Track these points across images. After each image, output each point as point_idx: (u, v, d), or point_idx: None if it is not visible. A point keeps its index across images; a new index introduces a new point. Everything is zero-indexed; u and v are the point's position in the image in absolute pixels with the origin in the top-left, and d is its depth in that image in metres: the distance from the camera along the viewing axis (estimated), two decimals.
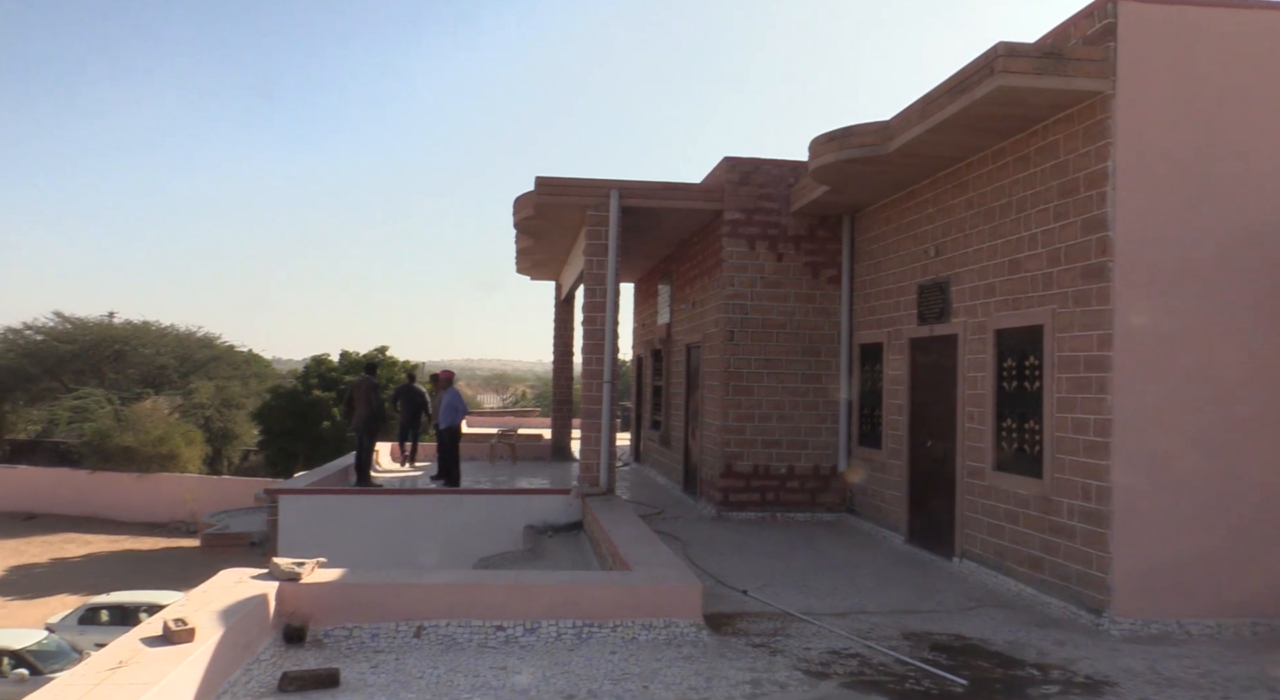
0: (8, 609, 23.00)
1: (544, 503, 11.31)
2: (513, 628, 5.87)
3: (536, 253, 15.25)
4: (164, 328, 47.18)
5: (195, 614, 4.88)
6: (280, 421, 34.82)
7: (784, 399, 11.29)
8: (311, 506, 11.12)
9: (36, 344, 45.00)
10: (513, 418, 30.86)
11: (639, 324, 19.02)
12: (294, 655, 5.45)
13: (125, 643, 4.50)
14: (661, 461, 15.69)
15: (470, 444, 17.88)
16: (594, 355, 10.99)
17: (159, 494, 35.47)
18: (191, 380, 43.70)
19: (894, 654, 5.72)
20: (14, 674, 15.31)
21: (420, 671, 5.22)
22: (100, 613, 18.73)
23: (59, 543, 31.51)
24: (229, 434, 41.33)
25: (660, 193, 11.35)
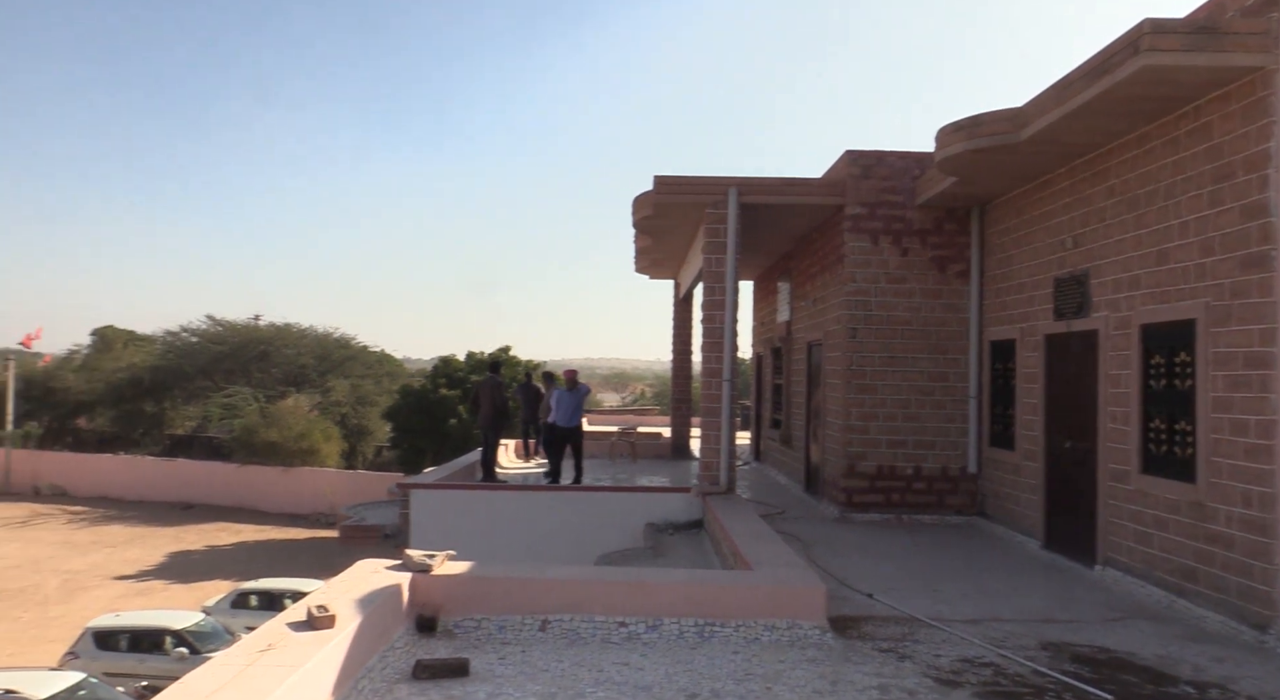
0: (169, 592, 24.79)
1: (664, 501, 11.35)
2: (635, 624, 5.90)
3: (655, 252, 15.32)
4: (304, 329, 49.86)
5: (335, 602, 5.11)
6: (410, 419, 36.25)
7: (909, 398, 10.97)
8: (440, 501, 11.51)
9: (191, 345, 48.38)
10: (632, 416, 31.14)
11: (758, 322, 18.86)
12: (426, 644, 5.64)
13: (273, 627, 4.75)
14: (782, 461, 15.51)
15: (590, 442, 18.14)
16: (713, 353, 10.95)
17: (300, 487, 37.52)
18: (329, 379, 46.03)
19: (1031, 664, 5.46)
20: (175, 652, 16.48)
21: (546, 664, 5.31)
22: (249, 598, 19.95)
23: (212, 531, 33.76)
24: (363, 430, 43.31)
25: (779, 188, 11.21)
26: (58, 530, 33.23)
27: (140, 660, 16.62)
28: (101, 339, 56.38)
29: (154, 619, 17.64)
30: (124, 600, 23.33)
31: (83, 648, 16.85)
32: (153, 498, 39.24)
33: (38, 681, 13.62)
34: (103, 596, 24.17)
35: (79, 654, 16.69)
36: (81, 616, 21.02)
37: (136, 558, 29.06)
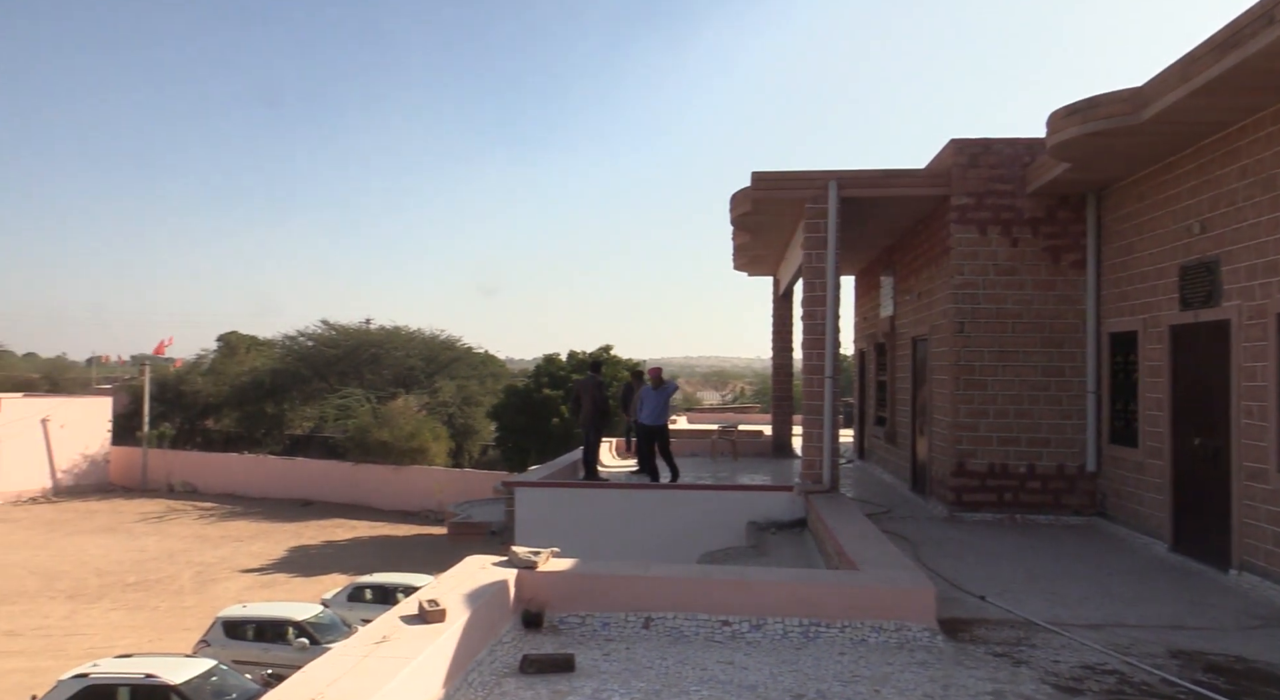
0: (290, 585, 25.99)
1: (766, 499, 11.25)
2: (739, 623, 5.86)
3: (754, 248, 15.19)
4: (412, 332, 51.50)
5: (445, 596, 5.24)
6: (514, 418, 36.99)
7: (1022, 393, 10.55)
8: (544, 498, 11.70)
9: (308, 349, 50.60)
10: (732, 414, 30.99)
11: (860, 317, 18.49)
12: (532, 639, 5.73)
13: (387, 620, 4.91)
14: (887, 459, 15.16)
15: (691, 440, 18.14)
16: (814, 350, 10.79)
17: (411, 485, 38.77)
18: (436, 380, 47.41)
19: (1159, 673, 5.18)
20: (296, 642, 17.25)
21: (650, 662, 5.32)
22: (365, 591, 20.72)
23: (329, 527, 35.22)
24: (469, 430, 44.44)
25: (881, 181, 10.96)
26: (190, 525, 35.24)
27: (265, 649, 17.46)
28: (226, 344, 59.61)
29: (277, 610, 18.50)
30: (250, 592, 24.57)
31: (214, 636, 17.81)
32: (274, 494, 41.20)
33: (174, 667, 14.47)
34: (231, 588, 25.51)
35: (210, 642, 17.65)
36: (212, 607, 22.25)
37: (261, 551, 30.56)
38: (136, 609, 23.54)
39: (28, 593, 24.95)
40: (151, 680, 13.99)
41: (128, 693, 13.94)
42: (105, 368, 71.02)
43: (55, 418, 42.42)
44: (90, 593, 25.12)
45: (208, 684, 14.34)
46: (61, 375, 68.43)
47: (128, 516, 36.88)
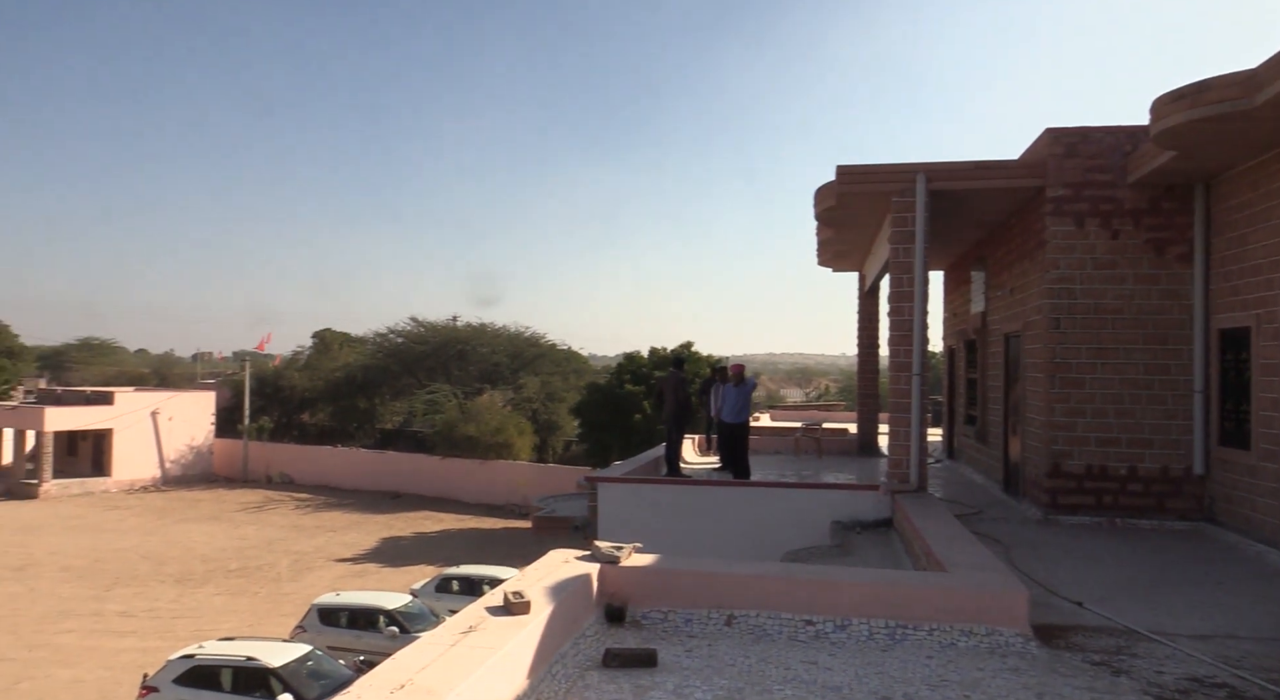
0: (380, 575, 26.75)
1: (851, 498, 11.06)
2: (823, 623, 5.78)
3: (838, 244, 14.96)
4: (497, 329, 52.45)
5: (530, 589, 5.31)
6: (596, 414, 37.28)
7: (1122, 392, 10.12)
8: (626, 494, 11.75)
9: (397, 346, 52.04)
10: (816, 412, 30.59)
11: (949, 313, 18.02)
12: (615, 633, 5.76)
13: (473, 610, 5.00)
14: (978, 459, 14.75)
15: (774, 438, 17.98)
16: (901, 347, 10.56)
17: (496, 479, 39.46)
18: (521, 376, 48.15)
19: (1276, 689, 4.90)
20: (387, 630, 17.75)
21: (732, 659, 5.30)
22: (452, 582, 21.18)
23: (418, 519, 36.13)
24: (553, 425, 45.00)
25: (971, 173, 10.65)
26: (287, 515, 36.62)
27: (357, 636, 18.02)
28: (321, 341, 61.75)
29: (369, 599, 19.07)
30: (343, 581, 25.40)
31: (309, 622, 18.47)
32: (366, 487, 42.47)
33: (273, 651, 15.07)
34: (325, 576, 26.42)
35: (306, 628, 18.32)
36: (308, 594, 23.08)
37: (353, 542, 31.55)
38: (238, 594, 24.58)
39: (140, 576, 26.31)
40: (252, 663, 14.59)
41: (230, 674, 14.57)
42: (209, 363, 74.43)
43: (164, 411, 44.59)
44: (196, 578, 26.35)
45: (304, 668, 14.88)
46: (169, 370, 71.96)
47: (230, 506, 38.53)
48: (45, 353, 78.81)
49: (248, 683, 14.45)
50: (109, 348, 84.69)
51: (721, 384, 13.60)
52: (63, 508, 37.36)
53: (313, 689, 14.39)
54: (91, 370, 71.02)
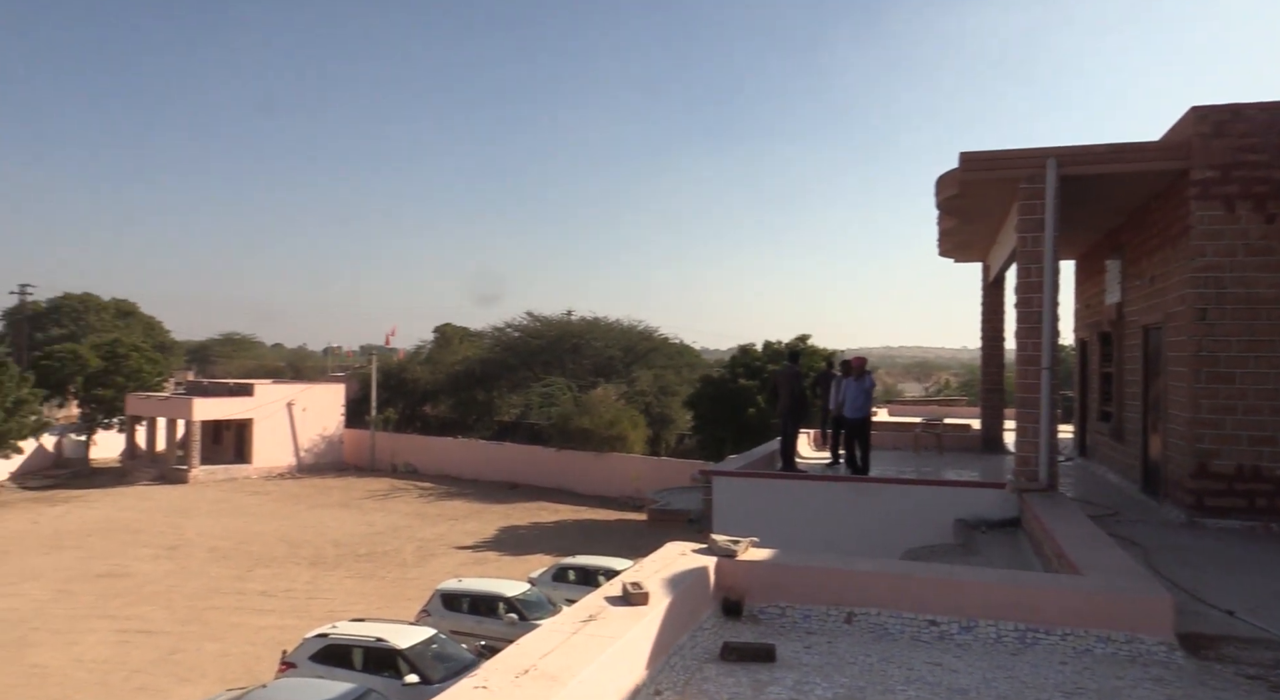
0: (499, 563, 27.49)
1: (975, 496, 10.70)
2: (947, 624, 5.61)
3: (961, 233, 14.45)
4: (611, 323, 53.03)
5: (648, 580, 5.36)
6: (710, 408, 37.22)
7: (1279, 387, 9.41)
8: (741, 488, 11.70)
9: (514, 340, 53.33)
10: (937, 407, 29.68)
11: (1082, 304, 17.16)
12: (732, 627, 5.75)
13: (593, 600, 5.08)
14: (1113, 457, 14.00)
15: (893, 433, 17.56)
16: (1030, 340, 10.12)
17: (610, 471, 39.93)
18: (634, 370, 48.57)
19: None
20: (506, 617, 18.24)
21: (852, 657, 5.21)
22: (568, 572, 21.56)
23: (535, 509, 36.94)
24: (666, 419, 45.20)
25: (1107, 156, 10.09)
26: (411, 503, 38.06)
27: (478, 622, 18.58)
28: (442, 335, 63.87)
29: (490, 586, 19.63)
30: (464, 568, 26.23)
31: (433, 607, 19.16)
32: (485, 477, 43.70)
33: (399, 633, 15.70)
34: (447, 563, 27.34)
35: (430, 612, 19.01)
36: (431, 579, 23.94)
37: (473, 530, 32.53)
38: (366, 578, 25.72)
39: (277, 558, 27.87)
40: (381, 644, 15.24)
41: (361, 653, 15.27)
42: (338, 358, 78.08)
43: (298, 402, 47.00)
44: (328, 561, 27.71)
45: (429, 650, 15.45)
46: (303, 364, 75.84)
47: (358, 493, 40.33)
48: (193, 347, 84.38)
49: (377, 662, 15.10)
50: (249, 342, 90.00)
51: (834, 378, 13.38)
52: (209, 492, 39.92)
53: (437, 671, 14.92)
54: (233, 364, 75.57)
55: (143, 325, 71.21)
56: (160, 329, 73.67)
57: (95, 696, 16.66)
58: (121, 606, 22.38)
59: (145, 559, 27.43)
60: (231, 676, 17.49)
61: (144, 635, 20.16)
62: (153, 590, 23.94)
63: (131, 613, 21.86)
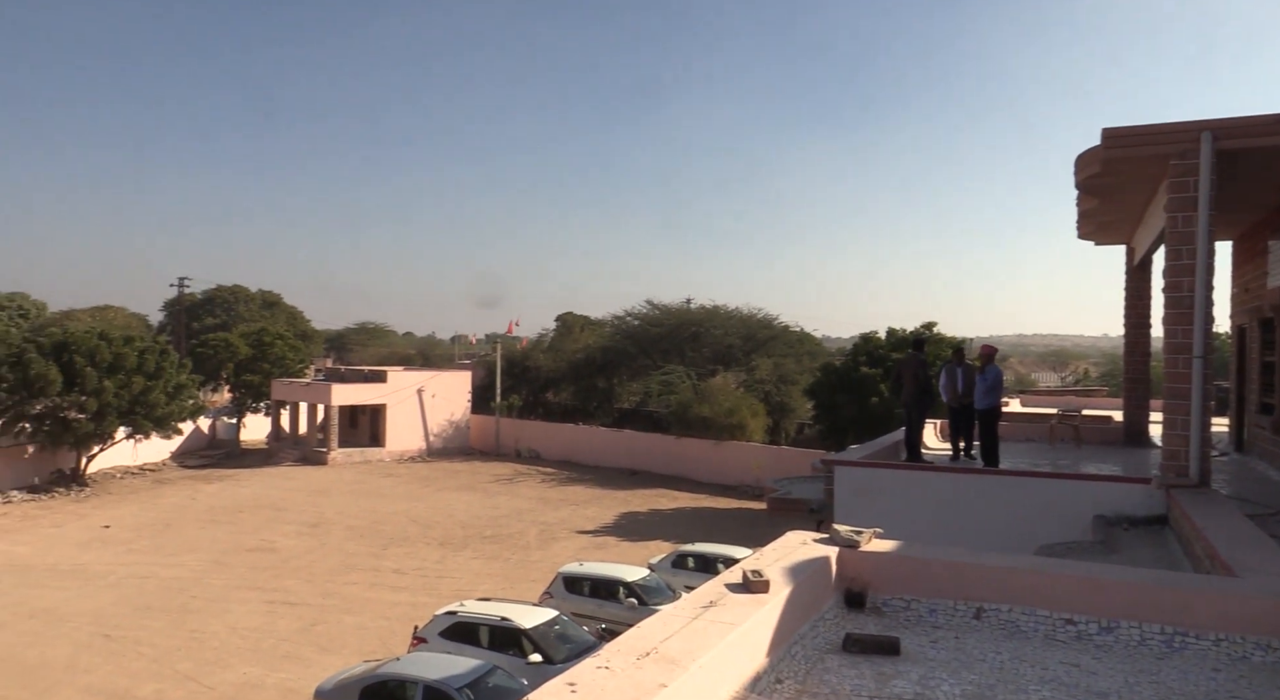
0: (619, 548, 27.87)
1: (1115, 492, 10.13)
2: (1085, 624, 5.34)
3: (1103, 214, 13.67)
4: (730, 311, 52.78)
5: (768, 569, 5.32)
6: (831, 396, 36.59)
7: None
8: (864, 478, 11.46)
9: (634, 328, 53.78)
10: (1074, 397, 28.25)
11: (1239, 288, 15.96)
12: (854, 618, 5.65)
13: (713, 586, 5.08)
14: (1275, 453, 13.00)
15: (1025, 425, 16.82)
16: (1179, 326, 9.49)
17: (729, 460, 39.82)
18: (754, 358, 48.21)
19: None
20: (626, 601, 18.48)
21: (982, 654, 5.03)
22: (687, 559, 21.66)
23: (654, 496, 37.24)
24: (786, 407, 44.70)
25: (1271, 128, 9.32)
26: (534, 488, 39.02)
27: (599, 605, 18.91)
28: (564, 324, 65.09)
29: (610, 570, 19.93)
30: (585, 552, 26.72)
31: (555, 589, 19.61)
32: (605, 464, 44.33)
33: (523, 613, 16.15)
34: (569, 547, 27.92)
35: (552, 594, 19.46)
36: (553, 562, 24.51)
37: (594, 515, 33.08)
38: (492, 559, 26.55)
39: (409, 538, 29.10)
40: (506, 623, 15.72)
41: (487, 631, 15.79)
42: (465, 346, 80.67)
43: (428, 389, 48.82)
44: (456, 542, 28.75)
45: (552, 631, 15.83)
46: (432, 351, 78.72)
47: (484, 477, 41.63)
48: (331, 336, 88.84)
49: (502, 641, 15.59)
50: (382, 331, 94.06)
51: (959, 366, 12.93)
52: (346, 473, 42.02)
53: (560, 651, 15.28)
54: (368, 351, 79.17)
55: (286, 315, 75.43)
56: (301, 318, 77.86)
57: (247, 661, 17.84)
58: (268, 579, 23.86)
59: (289, 535, 29.14)
60: (368, 648, 18.40)
61: (289, 606, 21.43)
62: (296, 565, 25.42)
63: (277, 585, 23.28)
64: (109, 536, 28.52)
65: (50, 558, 25.67)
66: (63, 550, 26.61)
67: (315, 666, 17.29)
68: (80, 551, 26.51)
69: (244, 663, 17.72)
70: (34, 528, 29.53)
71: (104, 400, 34.34)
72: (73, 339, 35.39)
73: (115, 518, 31.10)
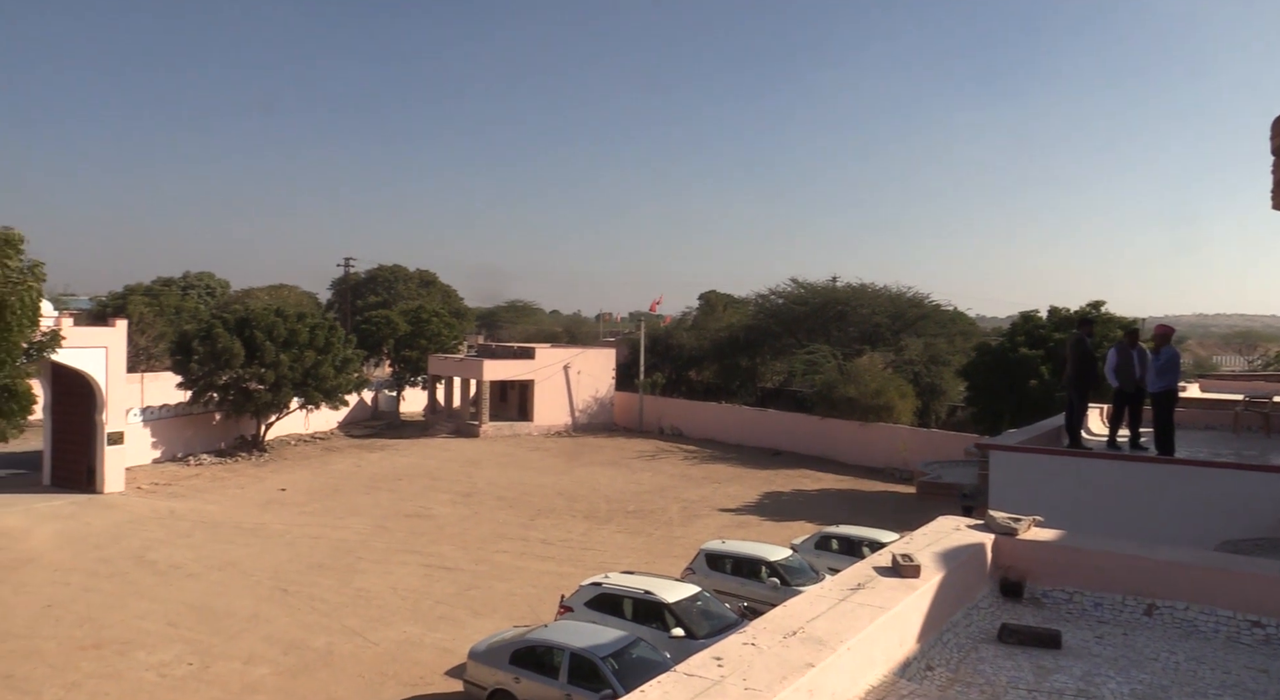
0: (761, 528, 27.76)
1: None
2: (1275, 628, 4.93)
3: None
4: (878, 289, 51.35)
5: (919, 553, 5.18)
6: (986, 378, 35.07)
7: None
8: (1022, 464, 10.95)
9: (778, 306, 53.19)
10: (1263, 382, 25.91)
11: None
12: (1011, 609, 5.43)
13: (861, 569, 4.99)
14: None
15: (1204, 412, 15.58)
16: None
17: (875, 442, 38.88)
18: (902, 338, 46.77)
19: None
20: (769, 581, 18.40)
21: (1154, 653, 4.73)
22: (831, 541, 21.33)
23: (797, 477, 36.84)
24: (936, 389, 43.18)
25: None
26: (677, 465, 39.36)
27: (741, 583, 18.91)
28: (707, 302, 65.09)
29: (753, 549, 19.88)
30: (727, 530, 26.77)
31: (697, 565, 19.75)
32: (748, 443, 44.17)
33: (666, 588, 16.36)
34: (710, 524, 28.04)
35: (695, 570, 19.61)
36: (695, 539, 24.68)
37: (736, 494, 33.07)
38: (635, 534, 27.01)
39: (556, 510, 29.99)
40: (649, 596, 15.98)
41: (630, 604, 16.10)
42: (609, 324, 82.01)
43: (574, 365, 49.97)
44: (600, 515, 29.40)
45: (694, 607, 15.98)
46: (577, 329, 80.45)
47: (627, 453, 42.31)
48: (482, 313, 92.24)
49: (645, 614, 15.85)
50: (530, 309, 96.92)
51: (1132, 348, 12.07)
52: (496, 446, 43.66)
53: (703, 627, 15.41)
54: (516, 329, 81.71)
55: (441, 293, 78.81)
56: (455, 296, 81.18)
57: (407, 619, 18.92)
58: (426, 544, 25.16)
59: (444, 503, 30.60)
60: (517, 614, 19.14)
61: (444, 570, 22.55)
62: (451, 531, 26.69)
63: (433, 550, 24.52)
64: (284, 499, 30.79)
65: (235, 516, 27.99)
66: (245, 510, 28.94)
67: (469, 628, 18.14)
68: (260, 511, 28.77)
69: (404, 621, 18.80)
70: (221, 488, 32.24)
71: (280, 372, 36.95)
72: (253, 315, 38.23)
73: (290, 482, 33.52)
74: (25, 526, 25.85)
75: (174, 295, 66.39)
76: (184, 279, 76.02)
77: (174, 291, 68.86)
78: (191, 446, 37.72)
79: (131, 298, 59.15)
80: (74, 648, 17.03)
